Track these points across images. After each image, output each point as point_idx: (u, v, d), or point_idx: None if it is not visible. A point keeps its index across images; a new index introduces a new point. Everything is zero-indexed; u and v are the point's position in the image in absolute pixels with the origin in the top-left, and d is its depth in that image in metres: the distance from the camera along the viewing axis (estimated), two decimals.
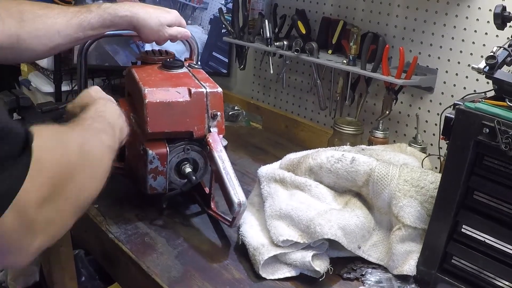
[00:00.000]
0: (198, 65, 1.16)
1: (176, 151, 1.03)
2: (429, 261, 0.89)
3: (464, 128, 0.80)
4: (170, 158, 1.02)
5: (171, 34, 1.11)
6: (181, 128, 1.02)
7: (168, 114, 1.00)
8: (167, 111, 1.00)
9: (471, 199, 0.85)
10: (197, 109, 1.02)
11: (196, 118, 1.02)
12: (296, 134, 1.62)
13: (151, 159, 1.01)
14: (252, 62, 1.80)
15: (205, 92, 1.02)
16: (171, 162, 1.03)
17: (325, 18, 1.49)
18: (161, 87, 1.02)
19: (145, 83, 1.03)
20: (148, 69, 1.12)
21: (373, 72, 1.29)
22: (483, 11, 1.18)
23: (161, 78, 1.08)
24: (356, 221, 0.96)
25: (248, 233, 0.98)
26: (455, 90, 1.27)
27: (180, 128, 1.02)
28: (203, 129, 1.03)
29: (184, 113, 1.01)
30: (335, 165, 1.02)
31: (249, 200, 1.12)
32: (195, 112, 1.02)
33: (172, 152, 1.02)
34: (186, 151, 1.04)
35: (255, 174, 1.11)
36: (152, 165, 1.01)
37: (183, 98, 1.01)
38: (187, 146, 1.03)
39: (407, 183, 0.95)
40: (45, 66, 1.68)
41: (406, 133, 1.40)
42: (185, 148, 1.03)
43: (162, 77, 1.08)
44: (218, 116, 1.03)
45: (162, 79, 1.07)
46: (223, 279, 0.91)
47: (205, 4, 1.69)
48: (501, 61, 0.82)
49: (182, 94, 1.01)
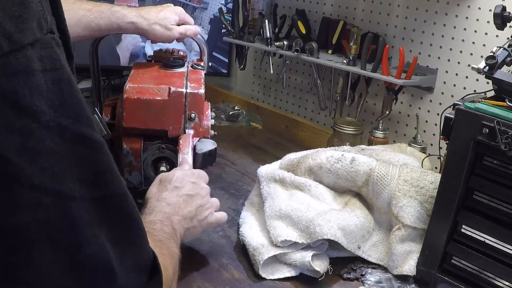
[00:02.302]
0: (201, 66, 1.15)
1: (151, 149, 1.03)
2: (429, 261, 0.89)
3: (464, 128, 0.80)
4: (146, 155, 1.03)
5: (180, 32, 1.12)
6: (156, 126, 1.02)
7: (144, 111, 1.00)
8: (143, 108, 1.00)
9: (471, 199, 0.85)
10: (174, 109, 1.02)
11: (172, 117, 1.02)
12: (296, 134, 1.62)
13: (126, 153, 1.02)
14: (252, 62, 1.79)
15: (185, 93, 1.01)
16: (147, 159, 1.03)
17: (325, 18, 1.49)
18: (144, 84, 1.03)
19: (132, 79, 1.04)
20: (148, 67, 1.13)
21: (373, 72, 1.29)
22: (483, 11, 1.18)
23: (153, 76, 1.08)
24: (356, 221, 0.96)
25: (247, 233, 0.98)
26: (455, 90, 1.27)
27: (155, 126, 1.02)
28: (178, 129, 1.02)
29: (161, 111, 1.01)
30: (335, 165, 1.02)
31: (249, 200, 1.13)
32: (172, 111, 1.01)
33: (147, 149, 1.03)
34: (161, 150, 1.04)
35: (255, 174, 1.11)
36: (126, 159, 1.02)
37: (161, 96, 1.01)
38: (163, 145, 1.03)
39: (407, 183, 0.95)
40: None
41: (406, 133, 1.40)
42: (160, 146, 1.03)
43: (155, 75, 1.09)
44: (195, 117, 1.02)
45: (152, 77, 1.07)
46: (223, 279, 0.91)
47: (205, 4, 1.69)
48: (501, 61, 0.82)
49: (161, 93, 1.01)
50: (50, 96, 0.41)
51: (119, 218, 0.48)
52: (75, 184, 0.42)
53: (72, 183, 0.42)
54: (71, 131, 0.42)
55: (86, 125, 0.44)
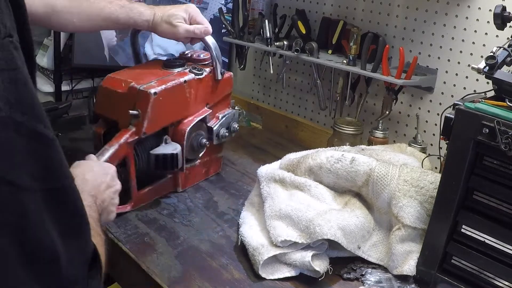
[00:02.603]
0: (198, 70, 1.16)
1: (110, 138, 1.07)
2: (429, 261, 0.89)
3: (464, 128, 0.80)
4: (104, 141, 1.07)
5: (186, 30, 1.13)
6: (113, 117, 1.09)
7: (108, 101, 1.10)
8: (108, 97, 1.09)
9: (471, 199, 0.85)
10: (127, 103, 1.05)
11: (124, 111, 1.05)
12: (296, 134, 1.62)
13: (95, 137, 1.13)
14: (252, 62, 1.79)
15: (137, 89, 1.05)
16: None
17: (325, 18, 1.49)
18: (126, 78, 1.09)
19: (121, 73, 1.12)
20: (151, 65, 1.19)
21: (373, 72, 1.29)
22: (483, 11, 1.18)
23: (143, 72, 1.13)
24: (356, 221, 0.96)
25: (247, 233, 0.98)
26: (455, 90, 1.27)
27: (112, 116, 1.09)
28: (126, 123, 1.06)
29: (117, 103, 1.07)
30: (334, 165, 1.02)
31: (249, 200, 1.13)
32: (125, 105, 1.05)
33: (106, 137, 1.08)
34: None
35: (255, 174, 1.11)
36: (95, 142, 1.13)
37: (122, 89, 1.07)
38: None
39: (407, 183, 0.95)
40: (45, 66, 1.67)
41: (406, 133, 1.40)
42: None
43: (146, 72, 1.13)
44: (136, 115, 1.04)
45: (142, 73, 1.12)
46: (222, 279, 0.91)
47: (205, 4, 1.69)
48: (501, 61, 0.82)
49: (124, 86, 1.07)
50: (6, 94, 0.44)
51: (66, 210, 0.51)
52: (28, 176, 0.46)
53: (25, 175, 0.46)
54: (26, 127, 0.46)
55: (40, 122, 0.47)
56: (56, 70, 1.63)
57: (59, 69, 1.63)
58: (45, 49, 1.68)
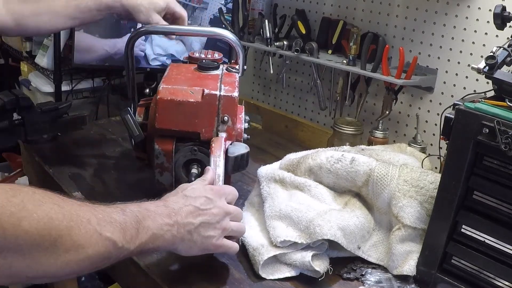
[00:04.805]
0: (236, 69, 1.13)
1: (184, 151, 1.02)
2: (429, 261, 0.89)
3: (464, 128, 0.80)
4: (178, 156, 1.02)
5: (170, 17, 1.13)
6: (189, 128, 1.00)
7: (178, 113, 0.99)
8: (176, 109, 0.99)
9: (471, 199, 0.85)
10: (207, 111, 1.00)
11: (205, 120, 1.00)
12: (296, 134, 1.62)
13: (157, 154, 1.01)
14: (252, 62, 1.80)
15: (218, 95, 1.00)
16: (179, 160, 1.02)
17: (325, 18, 1.49)
18: (179, 85, 1.01)
19: (165, 80, 1.03)
20: (183, 68, 1.12)
21: (373, 72, 1.29)
22: (483, 11, 1.18)
23: (187, 77, 1.07)
24: (356, 222, 0.96)
25: (247, 234, 0.98)
26: (455, 90, 1.27)
27: (187, 128, 1.00)
28: (210, 132, 1.01)
29: (194, 113, 1.00)
30: (334, 166, 1.02)
31: (248, 200, 1.13)
32: (205, 114, 1.00)
33: (179, 151, 1.02)
34: (193, 152, 1.02)
35: (255, 174, 1.11)
36: (158, 160, 1.01)
37: (194, 98, 0.99)
38: (195, 147, 1.02)
39: (407, 183, 0.95)
40: (45, 66, 1.68)
41: (406, 133, 1.40)
42: (192, 149, 1.02)
43: (189, 77, 1.07)
44: (228, 120, 1.01)
45: (187, 78, 1.06)
46: (222, 279, 0.91)
47: (205, 4, 1.69)
48: (501, 61, 0.82)
49: (194, 95, 0.99)
50: None
51: None
52: None
53: None
54: None
55: None
56: (56, 70, 1.63)
57: (59, 69, 1.63)
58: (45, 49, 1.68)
